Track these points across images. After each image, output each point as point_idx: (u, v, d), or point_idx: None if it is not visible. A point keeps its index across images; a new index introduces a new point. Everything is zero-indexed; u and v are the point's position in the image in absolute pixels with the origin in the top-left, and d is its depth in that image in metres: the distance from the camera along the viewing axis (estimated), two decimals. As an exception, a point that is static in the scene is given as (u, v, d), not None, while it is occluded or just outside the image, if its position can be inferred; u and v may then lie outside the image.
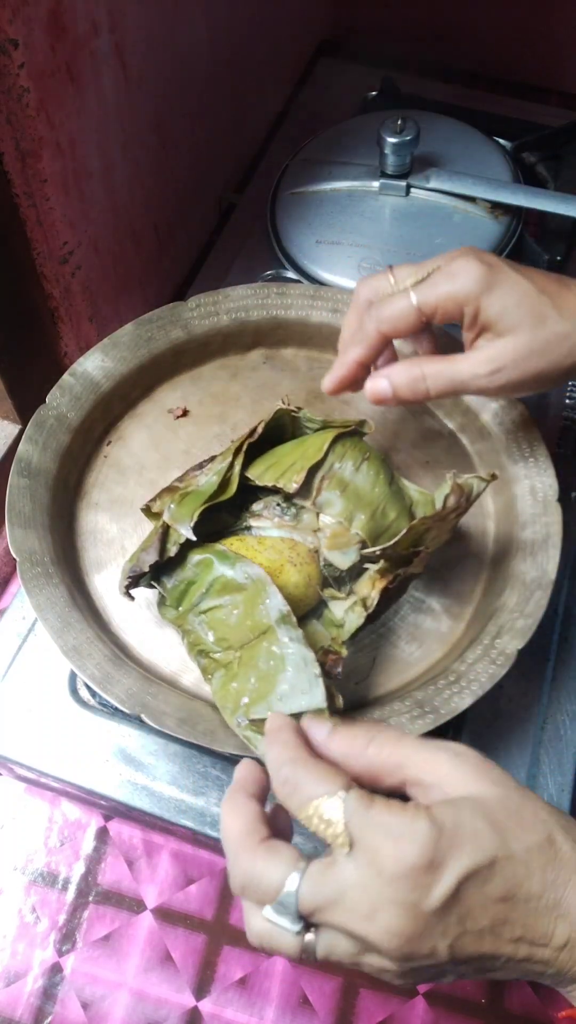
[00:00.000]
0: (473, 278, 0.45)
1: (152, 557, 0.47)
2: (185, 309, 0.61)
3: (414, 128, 0.70)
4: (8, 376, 0.64)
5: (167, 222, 0.75)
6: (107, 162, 0.62)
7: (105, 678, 0.47)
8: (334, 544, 0.48)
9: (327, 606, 0.50)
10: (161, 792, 0.54)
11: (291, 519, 0.50)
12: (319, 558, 0.49)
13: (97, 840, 0.67)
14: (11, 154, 0.54)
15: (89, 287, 0.66)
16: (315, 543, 0.49)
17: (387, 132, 0.70)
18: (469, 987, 0.62)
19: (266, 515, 0.51)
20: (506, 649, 0.48)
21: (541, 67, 0.97)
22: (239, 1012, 0.61)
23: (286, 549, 0.48)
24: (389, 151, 0.71)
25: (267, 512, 0.51)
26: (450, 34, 0.98)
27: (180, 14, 0.66)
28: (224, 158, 0.85)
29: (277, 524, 0.50)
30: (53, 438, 0.55)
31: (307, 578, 0.48)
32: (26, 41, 0.49)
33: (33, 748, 0.56)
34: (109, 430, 0.59)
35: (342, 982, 0.62)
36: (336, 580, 0.49)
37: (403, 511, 0.50)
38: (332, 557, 0.49)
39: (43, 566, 0.50)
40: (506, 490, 0.55)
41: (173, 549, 0.48)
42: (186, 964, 0.63)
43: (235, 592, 0.46)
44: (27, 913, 0.65)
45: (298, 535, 0.50)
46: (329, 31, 1.03)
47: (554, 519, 0.53)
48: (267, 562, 0.47)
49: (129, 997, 0.62)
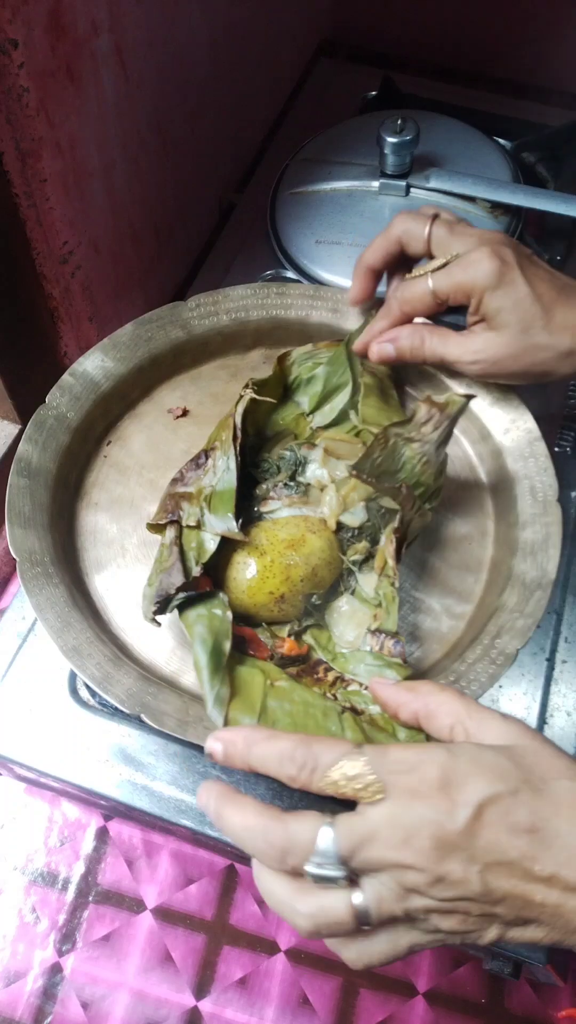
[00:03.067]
0: (483, 273, 0.50)
1: (178, 579, 0.47)
2: (185, 309, 0.61)
3: (414, 128, 0.70)
4: (8, 376, 0.64)
5: (167, 222, 0.75)
6: (107, 162, 0.62)
7: (105, 678, 0.47)
8: (343, 505, 0.52)
9: (357, 581, 0.51)
10: (161, 792, 0.54)
11: (299, 495, 0.53)
12: (333, 524, 0.52)
13: (97, 840, 0.67)
14: (11, 154, 0.54)
15: (89, 287, 0.66)
16: (325, 513, 0.52)
17: (387, 132, 0.70)
18: (469, 987, 0.62)
19: (274, 495, 0.53)
20: (506, 649, 0.48)
21: (541, 67, 0.97)
22: (239, 1012, 0.61)
23: (302, 522, 0.51)
24: (389, 151, 0.71)
25: (274, 492, 0.53)
26: (450, 34, 0.98)
27: (180, 14, 0.66)
28: (224, 158, 0.85)
29: (287, 503, 0.52)
30: (53, 438, 0.55)
31: (328, 542, 0.50)
32: (26, 41, 0.49)
33: (33, 748, 0.56)
34: (109, 430, 0.59)
35: (342, 982, 0.62)
36: (358, 555, 0.51)
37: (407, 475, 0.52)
38: (344, 519, 0.51)
39: (43, 566, 0.50)
40: (506, 490, 0.55)
41: (197, 569, 0.48)
42: (186, 964, 0.63)
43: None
44: (27, 913, 0.65)
45: (308, 510, 0.52)
46: (329, 31, 1.03)
47: (554, 519, 0.53)
48: (289, 536, 0.49)
49: (129, 997, 0.62)
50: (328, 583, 0.50)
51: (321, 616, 0.51)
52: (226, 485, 0.50)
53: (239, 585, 0.49)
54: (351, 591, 0.51)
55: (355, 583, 0.52)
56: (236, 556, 0.49)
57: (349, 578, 0.52)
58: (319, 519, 0.52)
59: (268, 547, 0.49)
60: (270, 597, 0.48)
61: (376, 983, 0.62)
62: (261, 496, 0.53)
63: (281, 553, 0.49)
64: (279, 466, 0.54)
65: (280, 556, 0.49)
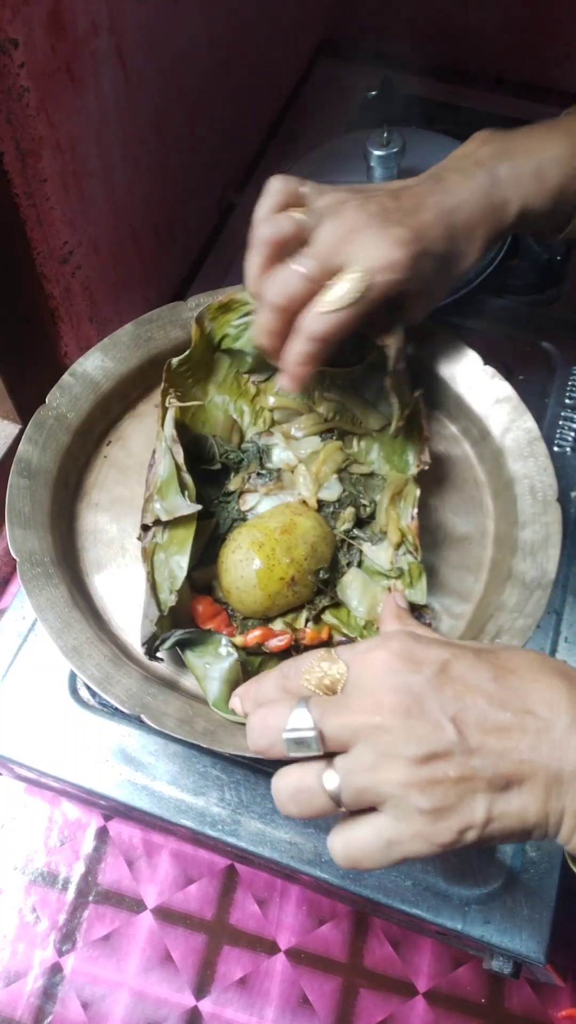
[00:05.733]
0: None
1: (152, 612, 0.48)
2: (185, 309, 0.61)
3: (400, 140, 0.71)
4: (8, 376, 0.64)
5: (167, 222, 0.75)
6: (107, 162, 0.62)
7: (105, 678, 0.47)
8: (317, 483, 0.55)
9: (362, 553, 0.53)
10: (161, 792, 0.54)
11: (273, 481, 0.55)
12: (314, 502, 0.54)
13: (97, 840, 0.67)
14: (11, 154, 0.54)
15: (89, 287, 0.66)
16: (304, 495, 0.54)
17: (373, 146, 0.71)
18: (469, 987, 0.62)
19: (249, 487, 0.55)
20: (506, 649, 0.48)
21: (541, 67, 0.97)
22: (239, 1012, 0.61)
23: (286, 509, 0.53)
24: (376, 164, 0.72)
25: (249, 484, 0.55)
26: (450, 34, 0.98)
27: (180, 14, 0.66)
28: (224, 158, 0.85)
29: (265, 491, 0.55)
30: (53, 438, 0.55)
31: (316, 520, 0.52)
32: (26, 41, 0.49)
33: (33, 748, 0.56)
34: (109, 430, 0.59)
35: (342, 982, 0.62)
36: (348, 524, 0.54)
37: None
38: (323, 495, 0.54)
39: (43, 566, 0.50)
40: (506, 490, 0.55)
41: (172, 598, 0.48)
42: (186, 964, 0.63)
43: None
44: (27, 913, 0.65)
45: (286, 494, 0.55)
46: (329, 31, 1.03)
47: (554, 519, 0.53)
48: (279, 524, 0.51)
49: (129, 997, 0.62)
50: (329, 557, 0.52)
51: (334, 592, 0.52)
52: (167, 470, 0.50)
53: (249, 582, 0.49)
54: (357, 564, 0.53)
55: (359, 555, 0.53)
56: (235, 557, 0.50)
57: (349, 551, 0.53)
58: (300, 502, 0.54)
59: (264, 539, 0.50)
60: (282, 583, 0.49)
61: (376, 983, 0.62)
62: (237, 490, 0.55)
63: (278, 540, 0.50)
64: (245, 459, 0.56)
65: (278, 543, 0.50)
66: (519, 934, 0.50)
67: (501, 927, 0.50)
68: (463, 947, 0.58)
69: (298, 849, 0.53)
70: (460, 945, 0.57)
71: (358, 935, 0.64)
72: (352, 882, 0.52)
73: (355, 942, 0.63)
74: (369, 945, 0.63)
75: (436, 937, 0.60)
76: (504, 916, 0.51)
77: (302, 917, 0.64)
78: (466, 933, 0.51)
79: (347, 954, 0.63)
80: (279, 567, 0.49)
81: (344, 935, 0.64)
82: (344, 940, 0.64)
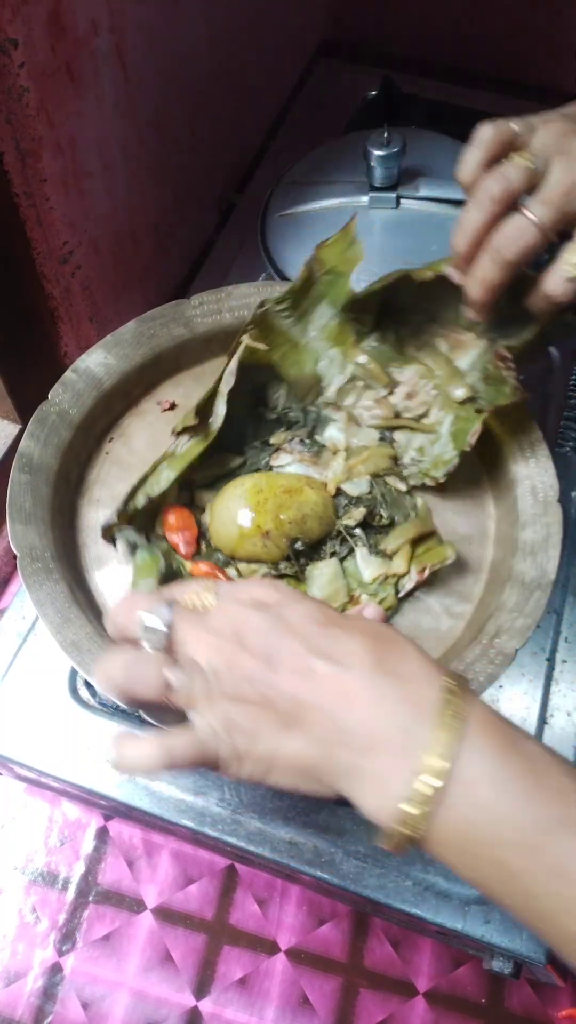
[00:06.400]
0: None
1: (120, 506, 0.51)
2: (188, 307, 0.61)
3: (400, 140, 0.71)
4: (8, 376, 0.64)
5: (167, 222, 0.75)
6: (107, 162, 0.62)
7: (105, 677, 0.47)
8: (347, 474, 0.55)
9: (353, 555, 0.53)
10: (161, 792, 0.54)
11: (312, 454, 0.56)
12: (333, 488, 0.55)
13: (97, 840, 0.67)
14: (11, 154, 0.54)
15: (89, 287, 0.66)
16: (328, 477, 0.55)
17: (373, 145, 0.71)
18: (469, 987, 0.62)
19: (286, 449, 0.56)
20: (505, 649, 0.48)
21: (541, 67, 0.97)
22: (239, 1012, 0.61)
23: (303, 478, 0.54)
24: (376, 163, 0.71)
25: (288, 446, 0.56)
26: (451, 34, 0.98)
27: (180, 14, 0.66)
28: (224, 158, 0.85)
29: (298, 458, 0.56)
30: (55, 434, 0.55)
31: (323, 499, 0.53)
32: (26, 41, 0.50)
33: (33, 748, 0.56)
34: (111, 427, 0.59)
35: (342, 982, 0.62)
36: (351, 521, 0.54)
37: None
38: (346, 487, 0.54)
39: (43, 562, 0.50)
40: (507, 490, 0.55)
41: (142, 500, 0.52)
42: (186, 964, 0.63)
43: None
44: (27, 913, 0.65)
45: (315, 471, 0.55)
46: (329, 31, 1.03)
47: (554, 519, 0.53)
48: (287, 484, 0.53)
49: (129, 997, 0.62)
50: (315, 536, 0.53)
51: (301, 571, 0.53)
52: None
53: (230, 514, 0.52)
54: (340, 558, 0.53)
55: (348, 555, 0.53)
56: (233, 490, 0.52)
57: (342, 545, 0.53)
58: (321, 481, 0.55)
59: (266, 486, 0.52)
60: (256, 530, 0.51)
61: (376, 983, 0.62)
62: (276, 446, 0.56)
63: (276, 496, 0.52)
64: (299, 419, 0.57)
65: (274, 498, 0.52)
66: (519, 934, 0.50)
67: (501, 927, 0.50)
68: (463, 947, 0.58)
69: (298, 849, 0.53)
70: (460, 945, 0.57)
71: (358, 935, 0.64)
72: (352, 882, 0.52)
73: (355, 942, 0.63)
74: (369, 945, 0.63)
75: (436, 937, 0.59)
76: (504, 916, 0.51)
77: (302, 917, 0.64)
78: (466, 933, 0.50)
79: (347, 954, 0.63)
80: (261, 515, 0.51)
81: (344, 935, 0.64)
82: (344, 940, 0.63)
